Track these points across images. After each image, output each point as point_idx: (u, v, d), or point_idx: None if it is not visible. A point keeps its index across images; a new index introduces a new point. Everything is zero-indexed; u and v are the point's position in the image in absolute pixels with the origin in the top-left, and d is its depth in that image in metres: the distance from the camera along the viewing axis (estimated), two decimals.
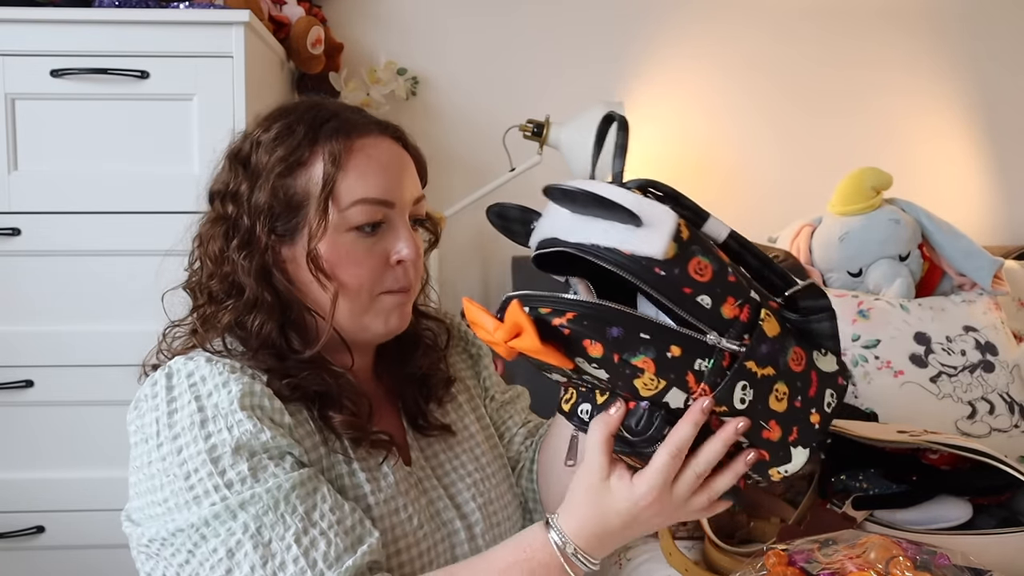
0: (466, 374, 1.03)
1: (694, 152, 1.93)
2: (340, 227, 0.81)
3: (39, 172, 1.40)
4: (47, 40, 1.37)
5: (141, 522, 0.78)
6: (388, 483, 0.83)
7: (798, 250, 1.60)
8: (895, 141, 1.97)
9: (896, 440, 1.11)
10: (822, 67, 1.95)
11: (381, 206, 0.83)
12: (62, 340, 1.42)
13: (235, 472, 0.72)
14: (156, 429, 0.76)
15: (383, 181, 0.83)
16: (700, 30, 1.92)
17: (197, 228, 0.88)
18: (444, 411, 0.95)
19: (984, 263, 1.49)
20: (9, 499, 1.44)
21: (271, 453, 0.74)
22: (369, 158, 0.83)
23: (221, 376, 0.75)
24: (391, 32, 1.88)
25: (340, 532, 0.73)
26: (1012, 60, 1.98)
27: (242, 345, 0.82)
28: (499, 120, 1.76)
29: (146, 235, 1.40)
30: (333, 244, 0.81)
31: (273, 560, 0.70)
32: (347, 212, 0.81)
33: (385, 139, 0.86)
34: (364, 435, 0.82)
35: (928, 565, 0.77)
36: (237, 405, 0.74)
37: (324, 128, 0.83)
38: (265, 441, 0.73)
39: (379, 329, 0.85)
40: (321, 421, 0.81)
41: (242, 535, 0.71)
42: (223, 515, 0.71)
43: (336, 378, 0.83)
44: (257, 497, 0.71)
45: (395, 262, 0.84)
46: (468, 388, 1.02)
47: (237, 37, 1.39)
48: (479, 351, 1.05)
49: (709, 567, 1.07)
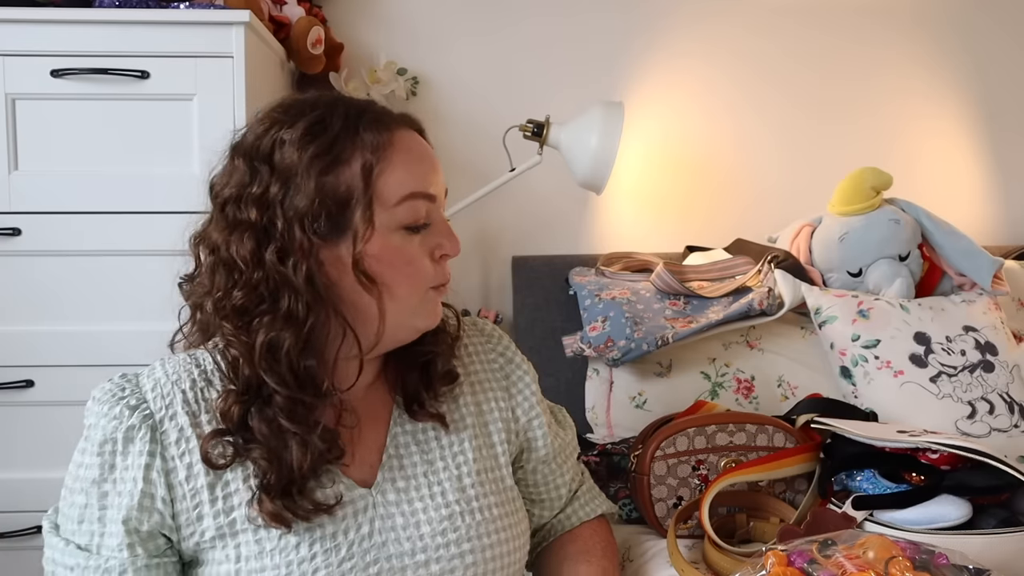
0: (490, 389, 0.95)
1: (694, 152, 1.93)
2: (390, 225, 0.79)
3: (39, 172, 1.40)
4: (47, 40, 1.37)
5: None
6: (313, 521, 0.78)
7: (798, 250, 1.60)
8: (895, 141, 1.97)
9: (896, 440, 1.11)
10: (822, 68, 1.95)
11: (426, 200, 0.81)
12: (62, 340, 1.42)
13: (69, 510, 0.79)
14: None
15: (427, 174, 0.82)
16: (700, 30, 1.92)
17: (198, 235, 0.83)
18: (439, 403, 0.90)
19: (984, 263, 1.49)
20: (9, 499, 1.44)
21: (102, 514, 0.77)
22: (409, 151, 0.81)
23: (102, 416, 0.79)
24: (391, 32, 1.88)
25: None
26: (1012, 60, 1.98)
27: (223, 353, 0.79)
28: (499, 120, 1.76)
29: (146, 235, 1.40)
30: (384, 244, 0.79)
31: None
32: (396, 209, 0.79)
33: (413, 132, 0.85)
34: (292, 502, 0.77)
35: (927, 565, 0.77)
36: (95, 446, 0.78)
37: (362, 120, 0.79)
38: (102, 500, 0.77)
39: (423, 326, 0.84)
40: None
41: (48, 564, 0.79)
42: (49, 540, 0.79)
43: (300, 437, 0.77)
44: (56, 554, 0.78)
45: (439, 257, 0.83)
46: (485, 401, 0.94)
47: (237, 37, 1.39)
48: (517, 373, 0.98)
49: (709, 567, 1.07)
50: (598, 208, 1.93)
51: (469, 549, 0.83)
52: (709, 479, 1.18)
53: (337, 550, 0.78)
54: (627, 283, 1.61)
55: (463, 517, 0.84)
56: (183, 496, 0.77)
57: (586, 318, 1.51)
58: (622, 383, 1.48)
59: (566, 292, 1.66)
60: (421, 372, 0.89)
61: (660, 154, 1.92)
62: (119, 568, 0.75)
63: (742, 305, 1.48)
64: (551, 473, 1.00)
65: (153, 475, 0.76)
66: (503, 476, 0.91)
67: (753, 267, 1.59)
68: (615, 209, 1.93)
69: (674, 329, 1.44)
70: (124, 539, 0.75)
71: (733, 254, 1.68)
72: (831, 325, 1.45)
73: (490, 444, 0.92)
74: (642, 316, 1.48)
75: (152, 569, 0.76)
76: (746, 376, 1.48)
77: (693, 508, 1.17)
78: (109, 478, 0.77)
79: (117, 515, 0.76)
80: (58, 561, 0.77)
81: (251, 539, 0.76)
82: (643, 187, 1.92)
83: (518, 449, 0.96)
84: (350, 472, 0.83)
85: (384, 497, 0.82)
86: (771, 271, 1.54)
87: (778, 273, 1.53)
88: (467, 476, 0.87)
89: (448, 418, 0.89)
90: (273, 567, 0.76)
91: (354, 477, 0.82)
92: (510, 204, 1.90)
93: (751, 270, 1.58)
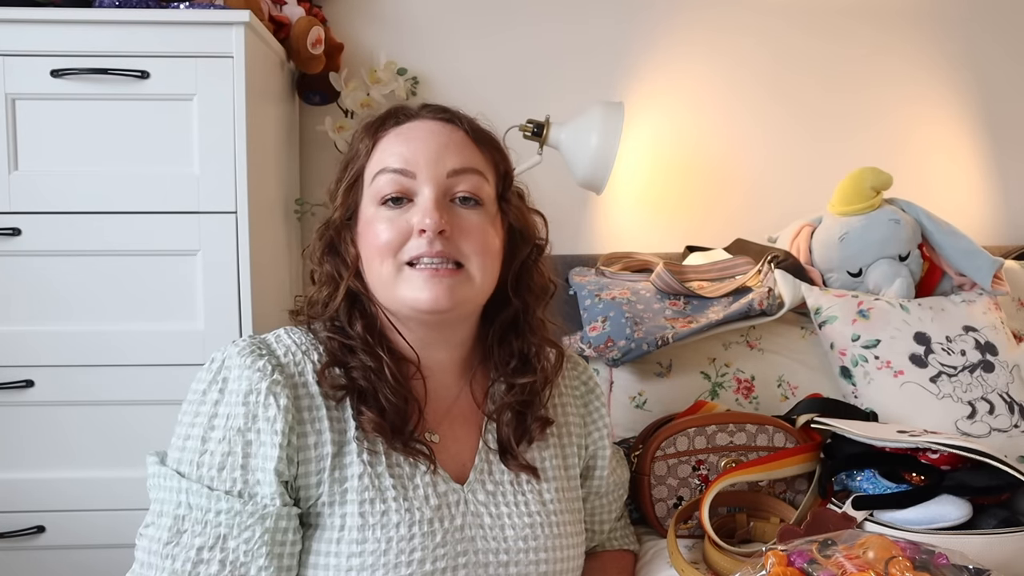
0: (571, 413, 1.01)
1: (694, 152, 1.93)
2: (373, 200, 0.87)
3: (39, 172, 1.40)
4: (47, 40, 1.37)
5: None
6: (416, 494, 0.84)
7: (798, 250, 1.60)
8: (895, 141, 1.97)
9: (896, 440, 1.11)
10: (822, 69, 1.95)
11: (398, 175, 0.85)
12: (62, 340, 1.42)
13: (209, 458, 0.80)
14: (193, 387, 0.85)
15: (404, 152, 0.87)
16: (700, 30, 1.92)
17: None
18: (532, 449, 0.94)
19: (984, 263, 1.49)
20: (9, 499, 1.44)
21: (247, 471, 0.80)
22: (398, 135, 0.89)
23: (246, 368, 0.82)
24: (391, 32, 1.88)
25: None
26: (1012, 59, 1.98)
27: (323, 326, 0.89)
28: (499, 120, 1.74)
29: (146, 235, 1.40)
30: (364, 217, 0.88)
31: (174, 545, 0.78)
32: (373, 185, 0.87)
33: (427, 120, 0.90)
34: (390, 438, 0.84)
35: (927, 565, 0.77)
36: (240, 396, 0.81)
37: (370, 125, 0.91)
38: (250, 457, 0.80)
39: (408, 300, 0.84)
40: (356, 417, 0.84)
41: (172, 508, 0.79)
42: (179, 484, 0.80)
43: (377, 374, 0.85)
44: (199, 499, 0.79)
45: (418, 232, 0.84)
46: (567, 434, 0.99)
47: (237, 37, 1.39)
48: (595, 404, 1.03)
49: (709, 567, 1.07)
50: (598, 208, 1.93)
51: (545, 559, 0.88)
52: (709, 479, 1.18)
53: (433, 535, 0.83)
54: (627, 283, 1.61)
55: (543, 528, 0.89)
56: (308, 460, 0.82)
57: (586, 318, 1.51)
58: (622, 383, 1.48)
59: (566, 292, 1.66)
60: (517, 415, 0.92)
61: (660, 154, 1.92)
62: (276, 515, 0.78)
63: (742, 305, 1.48)
64: (601, 507, 1.06)
65: (292, 434, 0.81)
66: (575, 497, 0.98)
67: (753, 267, 1.59)
68: (615, 209, 1.93)
69: (674, 329, 1.44)
70: (277, 488, 0.79)
71: (733, 254, 1.68)
72: (831, 325, 1.45)
73: (568, 465, 0.98)
74: (642, 316, 1.48)
75: (294, 519, 0.80)
76: (746, 376, 1.48)
77: (693, 508, 1.17)
78: (253, 427, 0.80)
79: (267, 464, 0.79)
80: (198, 505, 0.78)
81: (356, 511, 0.81)
82: (643, 187, 1.92)
83: (583, 467, 1.02)
84: (446, 465, 0.88)
85: (475, 496, 0.88)
86: (771, 271, 1.54)
87: (778, 273, 1.53)
88: (547, 492, 0.92)
89: (536, 451, 0.94)
90: (374, 540, 0.80)
91: (449, 471, 0.88)
92: None
93: (751, 270, 1.58)
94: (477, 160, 0.89)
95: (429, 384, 0.90)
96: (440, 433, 0.90)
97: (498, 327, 0.94)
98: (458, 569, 0.83)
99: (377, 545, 0.80)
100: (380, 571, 0.79)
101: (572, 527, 0.93)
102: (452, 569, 0.83)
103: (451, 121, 0.90)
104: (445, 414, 0.92)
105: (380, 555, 0.80)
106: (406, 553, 0.80)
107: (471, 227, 0.86)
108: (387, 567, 0.80)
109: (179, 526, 0.78)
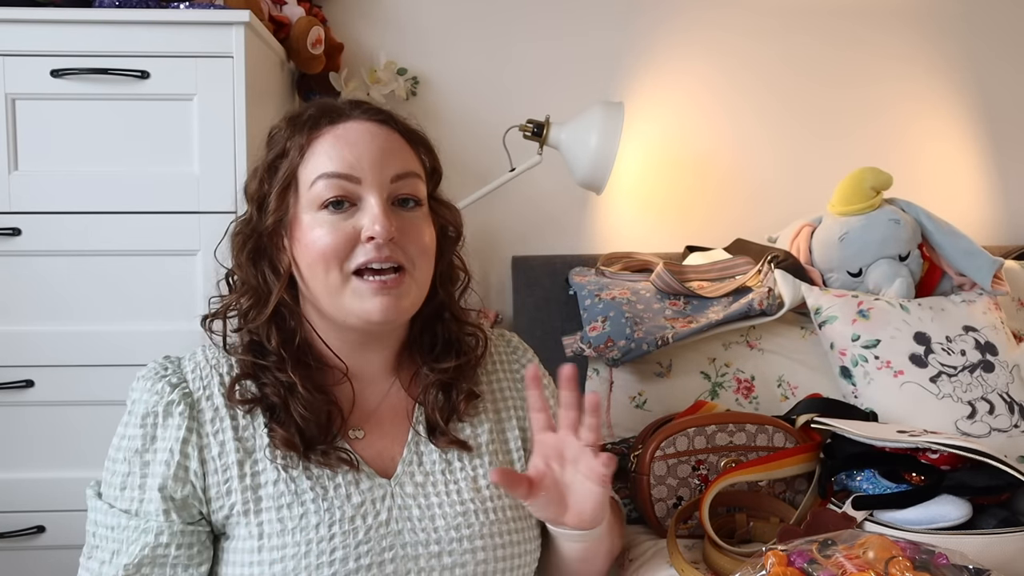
0: (507, 389, 1.00)
1: (694, 152, 1.93)
2: (311, 206, 0.85)
3: (39, 172, 1.40)
4: (47, 40, 1.37)
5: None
6: (338, 493, 0.84)
7: (798, 250, 1.60)
8: (895, 141, 1.97)
9: (896, 440, 1.11)
10: (821, 69, 1.95)
11: (342, 180, 0.84)
12: (62, 340, 1.42)
13: (112, 478, 0.86)
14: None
15: (346, 156, 0.85)
16: (700, 30, 1.92)
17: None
18: (462, 425, 0.93)
19: (984, 263, 1.49)
20: (9, 499, 1.44)
21: (141, 484, 0.84)
22: (336, 138, 0.86)
23: (144, 391, 0.86)
24: (391, 32, 1.88)
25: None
26: (1012, 59, 1.98)
27: (239, 339, 0.89)
28: (499, 120, 1.76)
29: (146, 235, 1.40)
30: (302, 223, 0.85)
31: (88, 558, 0.87)
32: (311, 191, 0.85)
33: (363, 122, 0.88)
34: (302, 452, 0.84)
35: (927, 565, 0.77)
36: (138, 419, 0.85)
37: (297, 122, 0.88)
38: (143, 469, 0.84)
39: (356, 311, 0.84)
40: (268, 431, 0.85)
41: (91, 527, 0.87)
42: (94, 504, 0.87)
43: (290, 390, 0.85)
44: (103, 517, 0.86)
45: (366, 239, 0.84)
46: (504, 409, 0.98)
47: (237, 37, 1.39)
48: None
49: (709, 567, 1.07)
50: (598, 208, 1.93)
51: (481, 546, 0.87)
52: (709, 479, 1.18)
53: (355, 533, 0.83)
54: (627, 283, 1.61)
55: (477, 515, 0.88)
56: (215, 470, 0.84)
57: (586, 318, 1.51)
58: (622, 383, 1.48)
59: (566, 292, 1.66)
60: (443, 392, 0.92)
61: (660, 154, 1.92)
62: (156, 530, 0.82)
63: (742, 305, 1.48)
64: None
65: (188, 448, 0.83)
66: None
67: (753, 267, 1.59)
68: (615, 209, 1.93)
69: (674, 329, 1.44)
70: (161, 505, 0.82)
71: (733, 254, 1.68)
72: (831, 325, 1.45)
73: (507, 450, 0.96)
74: (642, 316, 1.48)
75: (186, 535, 0.83)
76: (746, 376, 1.48)
77: (693, 508, 1.17)
78: (150, 448, 0.84)
79: (155, 483, 0.83)
80: (100, 522, 0.85)
81: (274, 517, 0.82)
82: (643, 187, 1.92)
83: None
84: (372, 462, 0.88)
85: (402, 489, 0.87)
86: (771, 271, 1.54)
87: (778, 273, 1.53)
88: (482, 478, 0.91)
89: (468, 427, 0.93)
90: (294, 544, 0.81)
91: (375, 467, 0.88)
92: (510, 204, 1.90)
93: (751, 270, 1.58)
94: (414, 163, 0.90)
95: (357, 386, 0.91)
96: (366, 429, 0.90)
97: (423, 317, 0.94)
98: (385, 564, 0.83)
99: (297, 548, 0.81)
100: (303, 573, 0.80)
101: (514, 511, 0.91)
102: (379, 564, 0.82)
103: (386, 123, 0.90)
104: (373, 411, 0.92)
105: (301, 558, 0.80)
106: (327, 553, 0.81)
107: (413, 229, 0.87)
108: (309, 569, 0.80)
109: (93, 542, 0.86)
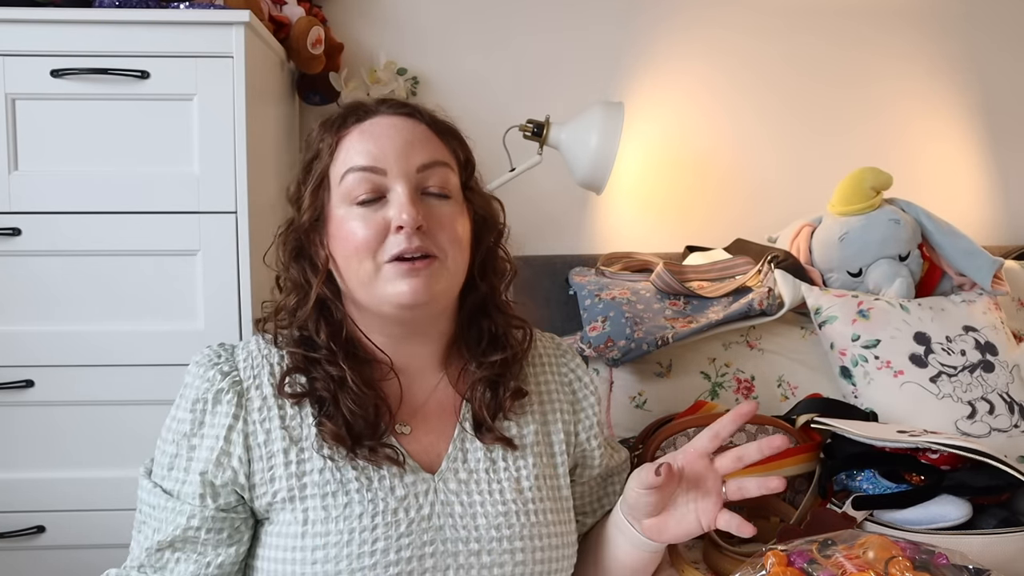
0: (555, 391, 0.99)
1: (694, 152, 1.93)
2: (343, 201, 0.87)
3: (39, 172, 1.40)
4: (47, 40, 1.37)
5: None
6: (382, 484, 0.85)
7: (798, 250, 1.60)
8: (895, 141, 1.97)
9: (896, 440, 1.11)
10: (821, 69, 1.95)
11: (369, 173, 0.86)
12: (62, 340, 1.42)
13: (162, 458, 0.87)
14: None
15: (371, 149, 0.87)
16: (700, 30, 1.92)
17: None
18: (509, 424, 0.93)
19: (984, 263, 1.49)
20: (9, 499, 1.44)
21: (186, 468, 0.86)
22: (362, 133, 0.89)
23: (197, 377, 0.87)
24: (391, 32, 1.88)
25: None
26: (1013, 59, 1.99)
27: (289, 335, 0.90)
28: (499, 120, 1.75)
29: (146, 235, 1.40)
30: (333, 219, 0.88)
31: (137, 532, 0.88)
32: (341, 186, 0.87)
33: (388, 116, 0.90)
34: (351, 447, 0.85)
35: (927, 565, 0.77)
36: (189, 403, 0.87)
37: (328, 123, 0.92)
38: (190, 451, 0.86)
39: (389, 296, 0.85)
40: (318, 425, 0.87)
41: (139, 504, 0.88)
42: (143, 483, 0.88)
43: (340, 384, 0.86)
44: (148, 496, 0.87)
45: (395, 229, 0.84)
46: (552, 412, 0.97)
47: (237, 37, 1.39)
48: (583, 392, 1.00)
49: (709, 567, 1.07)
50: (598, 208, 1.93)
51: (520, 548, 0.87)
52: None
53: (397, 525, 0.83)
54: (627, 283, 1.61)
55: (518, 516, 0.88)
56: (260, 457, 0.85)
57: (586, 318, 1.51)
58: (622, 383, 1.48)
59: (566, 292, 1.66)
60: (489, 388, 0.93)
61: (660, 154, 1.92)
62: (189, 512, 0.84)
63: (742, 305, 1.48)
64: (603, 490, 1.03)
65: (233, 435, 0.85)
66: (560, 485, 0.95)
67: (753, 267, 1.59)
68: (615, 209, 1.93)
69: (674, 329, 1.44)
70: (199, 489, 0.84)
71: (733, 254, 1.68)
72: (831, 325, 1.45)
73: (551, 453, 0.96)
74: (642, 316, 1.48)
75: (217, 520, 0.84)
76: (746, 376, 1.48)
77: None
78: (197, 433, 0.86)
79: (198, 467, 0.85)
80: (144, 500, 0.87)
81: (319, 504, 0.83)
82: (643, 187, 1.92)
83: (574, 463, 1.00)
84: (417, 457, 0.89)
85: (446, 485, 0.88)
86: (771, 271, 1.54)
87: (778, 273, 1.53)
88: (525, 479, 0.91)
89: (514, 426, 0.94)
90: (337, 532, 0.82)
91: (420, 462, 0.89)
92: (510, 204, 1.86)
93: (751, 270, 1.58)
94: (442, 152, 0.91)
95: (404, 381, 0.91)
96: (413, 424, 0.91)
97: (467, 311, 0.95)
98: (425, 558, 0.83)
99: (340, 536, 0.82)
100: (344, 562, 0.81)
101: (555, 515, 0.91)
102: (419, 558, 0.83)
103: (412, 115, 0.91)
104: (420, 406, 0.92)
105: (343, 546, 0.81)
106: (369, 543, 0.82)
107: (444, 220, 0.87)
108: (350, 557, 0.81)
109: (140, 517, 0.88)
